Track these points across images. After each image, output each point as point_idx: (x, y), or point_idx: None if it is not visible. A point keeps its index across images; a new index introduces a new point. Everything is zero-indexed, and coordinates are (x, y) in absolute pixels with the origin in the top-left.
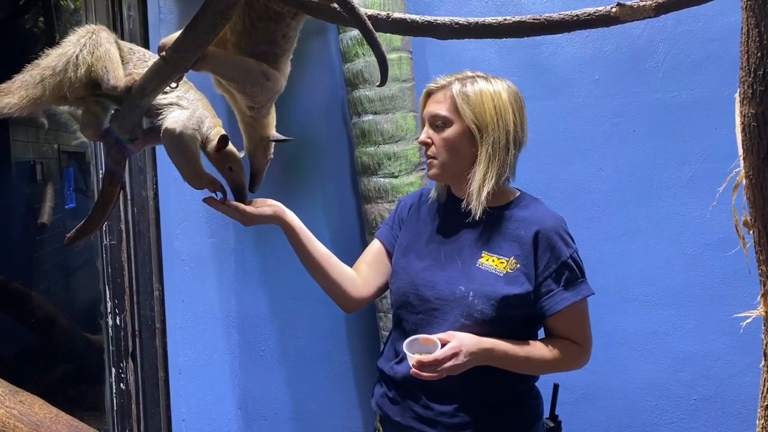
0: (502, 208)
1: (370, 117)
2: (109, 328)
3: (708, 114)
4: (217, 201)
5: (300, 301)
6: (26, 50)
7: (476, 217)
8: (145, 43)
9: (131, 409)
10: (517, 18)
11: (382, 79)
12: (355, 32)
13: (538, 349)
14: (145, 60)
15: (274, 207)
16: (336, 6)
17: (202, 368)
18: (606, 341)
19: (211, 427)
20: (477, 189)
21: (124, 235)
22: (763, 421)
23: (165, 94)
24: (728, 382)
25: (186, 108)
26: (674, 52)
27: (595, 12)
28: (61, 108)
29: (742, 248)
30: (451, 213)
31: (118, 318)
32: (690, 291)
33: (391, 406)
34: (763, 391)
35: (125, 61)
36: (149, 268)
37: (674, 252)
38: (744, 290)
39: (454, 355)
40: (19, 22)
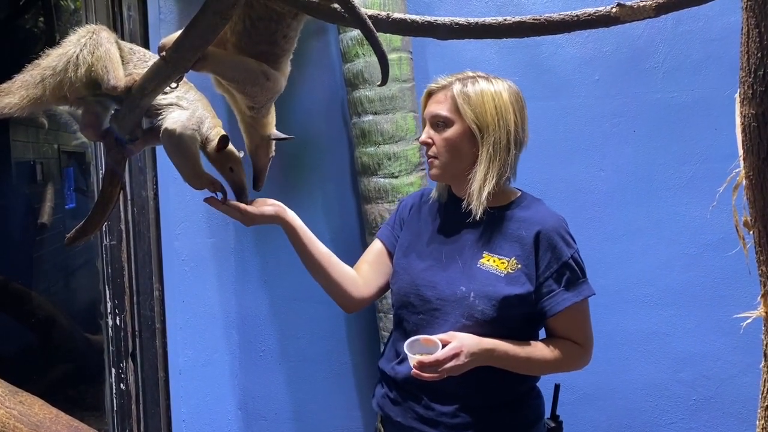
0: (503, 209)
1: (370, 117)
2: (109, 329)
3: (708, 114)
4: (218, 201)
5: (300, 301)
6: (26, 50)
7: (477, 218)
8: (145, 43)
9: (131, 410)
10: (517, 18)
11: (383, 78)
12: (355, 32)
13: (539, 350)
14: (146, 60)
15: (275, 207)
16: (336, 6)
17: (202, 368)
18: (606, 341)
19: (211, 427)
20: (478, 189)
21: (124, 235)
22: (764, 421)
23: (165, 94)
24: (728, 382)
25: (186, 108)
26: (674, 53)
27: (595, 12)
28: (61, 108)
29: (743, 248)
30: (452, 213)
31: (118, 318)
32: (690, 291)
33: (392, 406)
34: (764, 392)
35: (125, 61)
36: (149, 269)
37: (674, 252)
38: (744, 290)
39: (455, 355)
40: (19, 22)
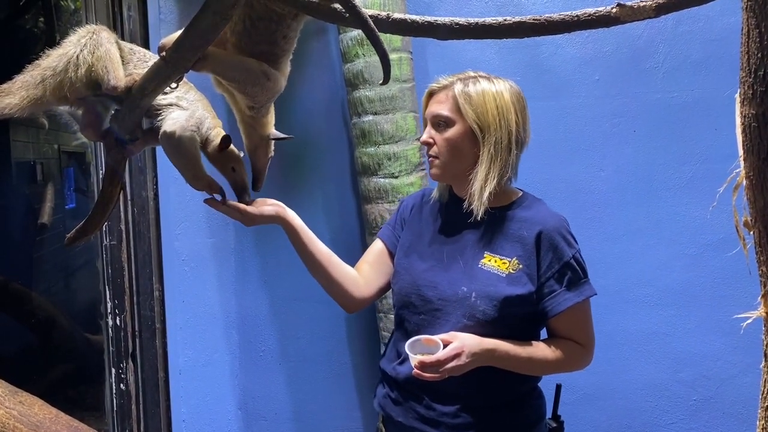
0: (505, 209)
1: (371, 117)
2: (109, 329)
3: (708, 114)
4: (217, 202)
5: (300, 301)
6: (26, 50)
7: (478, 218)
8: (145, 44)
9: (131, 410)
10: (517, 18)
11: (385, 77)
12: (355, 33)
13: (540, 350)
14: (146, 60)
15: (276, 207)
16: (337, 6)
17: (202, 369)
18: (606, 342)
19: (211, 427)
20: (479, 189)
21: (124, 236)
22: (764, 422)
23: (165, 94)
24: (728, 382)
25: (186, 109)
26: (674, 53)
27: (595, 12)
28: (62, 108)
29: (743, 249)
30: (453, 213)
31: (118, 318)
32: (690, 291)
33: (393, 406)
34: (764, 392)
35: (125, 62)
36: (149, 269)
37: (674, 252)
38: (744, 291)
39: (457, 355)
40: (20, 23)
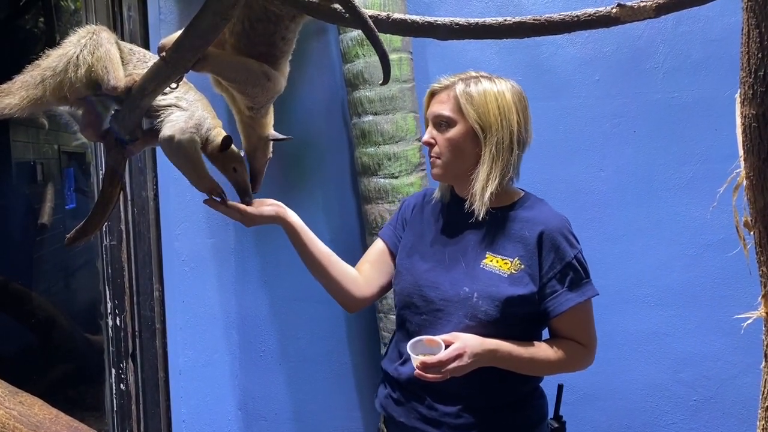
0: (506, 209)
1: (371, 117)
2: (109, 329)
3: (708, 115)
4: (217, 202)
5: (300, 301)
6: (26, 51)
7: (480, 218)
8: (145, 44)
9: (131, 410)
10: (517, 19)
11: (385, 77)
12: (355, 33)
13: (542, 350)
14: (146, 61)
15: (275, 207)
16: (337, 6)
17: (202, 369)
18: (606, 342)
19: (211, 427)
20: (480, 189)
21: (124, 236)
22: (764, 422)
23: (165, 95)
24: (729, 383)
25: (185, 109)
26: (674, 53)
27: (595, 13)
28: (62, 108)
29: (743, 249)
30: (454, 213)
31: (118, 318)
32: (690, 292)
33: (395, 407)
34: (764, 392)
35: (125, 62)
36: (149, 269)
37: (674, 253)
38: (744, 291)
39: (459, 356)
40: (20, 23)
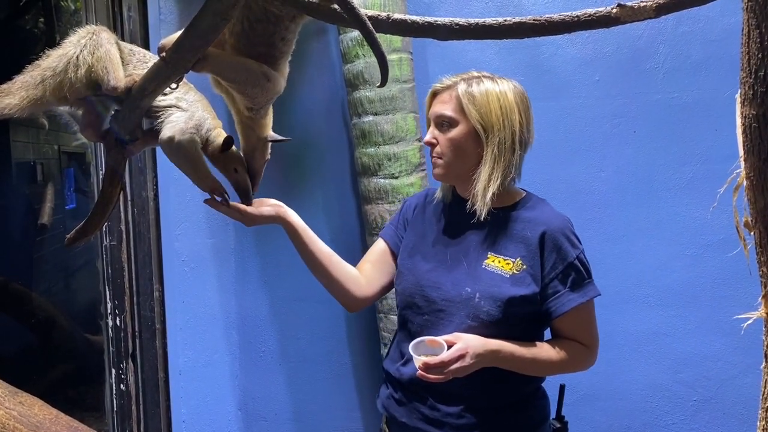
0: (508, 209)
1: (371, 118)
2: (109, 329)
3: (708, 115)
4: (218, 202)
5: (300, 302)
6: (26, 51)
7: (482, 218)
8: (145, 44)
9: (131, 410)
10: (517, 19)
11: (383, 79)
12: (355, 33)
13: (544, 351)
14: (146, 61)
15: (275, 206)
16: (336, 7)
17: (202, 369)
18: (606, 342)
19: (211, 428)
20: (482, 190)
21: (124, 236)
22: (764, 422)
23: (165, 95)
24: (729, 383)
25: (185, 110)
26: (675, 53)
27: (595, 13)
28: (62, 109)
29: (743, 249)
30: (456, 214)
31: (118, 319)
32: (691, 292)
33: (397, 407)
34: (764, 393)
35: (125, 62)
36: (149, 269)
37: (675, 253)
38: (745, 291)
39: (461, 356)
40: (20, 23)
